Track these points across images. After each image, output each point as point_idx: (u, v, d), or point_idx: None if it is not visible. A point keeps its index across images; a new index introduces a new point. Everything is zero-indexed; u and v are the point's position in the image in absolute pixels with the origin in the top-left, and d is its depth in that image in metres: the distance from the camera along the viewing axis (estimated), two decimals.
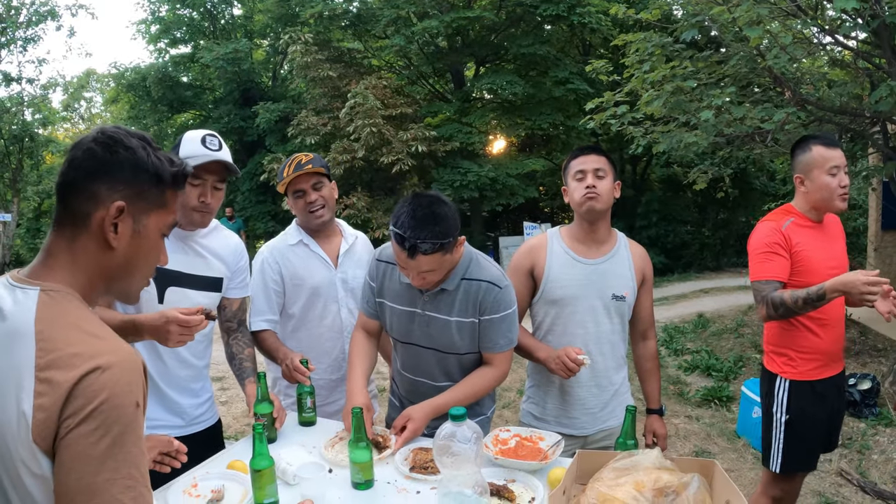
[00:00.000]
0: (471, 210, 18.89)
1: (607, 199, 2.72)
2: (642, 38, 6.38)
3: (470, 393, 2.58)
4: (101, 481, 1.15)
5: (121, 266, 1.40)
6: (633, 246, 2.90)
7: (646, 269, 2.88)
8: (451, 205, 2.37)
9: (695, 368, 7.66)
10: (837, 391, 3.20)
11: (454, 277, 2.50)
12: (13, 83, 20.71)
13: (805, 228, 3.05)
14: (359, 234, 3.33)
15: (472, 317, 2.53)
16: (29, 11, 20.37)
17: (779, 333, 3.14)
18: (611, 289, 2.77)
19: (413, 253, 2.28)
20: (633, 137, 7.56)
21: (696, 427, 5.82)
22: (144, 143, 1.41)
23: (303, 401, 2.76)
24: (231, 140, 22.75)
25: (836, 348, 3.13)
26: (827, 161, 2.98)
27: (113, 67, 23.92)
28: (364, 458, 2.19)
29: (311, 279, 3.09)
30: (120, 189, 1.35)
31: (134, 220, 1.38)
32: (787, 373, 3.12)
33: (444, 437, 1.88)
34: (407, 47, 17.85)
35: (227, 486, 2.22)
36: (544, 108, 17.18)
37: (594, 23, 16.19)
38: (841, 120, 6.20)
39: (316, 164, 2.99)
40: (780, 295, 2.88)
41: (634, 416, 2.21)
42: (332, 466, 2.36)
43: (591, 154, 2.74)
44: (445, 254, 2.33)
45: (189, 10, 23.10)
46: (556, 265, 2.80)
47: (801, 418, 3.09)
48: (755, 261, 3.04)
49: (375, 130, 15.55)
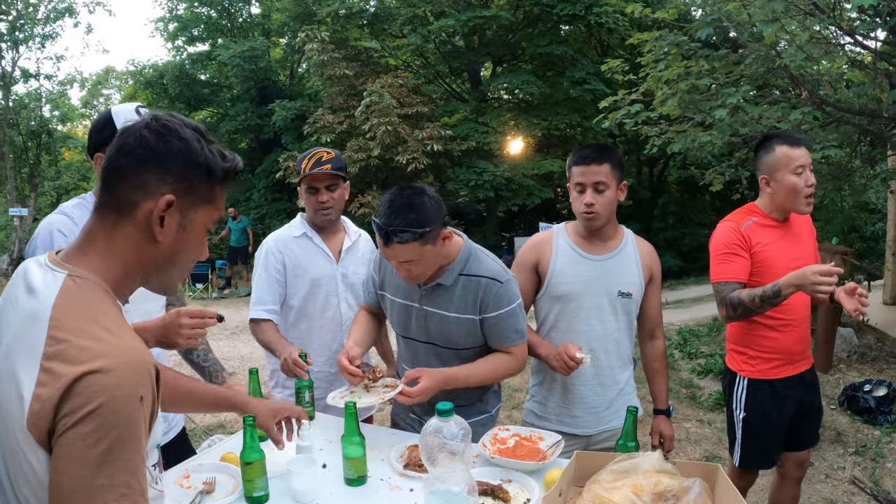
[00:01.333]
0: (486, 210, 18.84)
1: (607, 214, 2.67)
2: (657, 37, 6.30)
3: (487, 371, 2.54)
4: (96, 486, 1.11)
5: (163, 259, 1.35)
6: (641, 243, 2.84)
7: (653, 266, 2.82)
8: (433, 197, 2.34)
9: (708, 372, 7.55)
10: (805, 388, 3.17)
11: (451, 272, 2.48)
12: (31, 79, 20.93)
13: (767, 228, 3.01)
14: (362, 232, 3.33)
15: (472, 314, 2.50)
16: (47, 8, 20.59)
17: (739, 332, 3.13)
18: (617, 285, 2.72)
19: (388, 241, 2.27)
20: (649, 137, 7.48)
21: (708, 431, 5.73)
22: (199, 136, 1.35)
23: (301, 395, 2.73)
24: (247, 138, 22.86)
25: (798, 348, 3.10)
26: (792, 161, 2.92)
27: (131, 65, 24.14)
28: (357, 453, 2.16)
29: (312, 271, 3.09)
30: (170, 181, 1.30)
31: (181, 214, 1.33)
32: (745, 371, 3.11)
33: (430, 432, 1.84)
34: (423, 46, 17.88)
35: (218, 479, 2.21)
36: (561, 109, 17.11)
37: (611, 23, 16.12)
38: (859, 121, 6.10)
39: (334, 167, 2.99)
40: (738, 295, 2.86)
41: (636, 416, 2.15)
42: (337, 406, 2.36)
43: (592, 164, 2.63)
44: (424, 244, 2.29)
45: (207, 9, 23.22)
46: (562, 261, 2.76)
47: (758, 417, 3.09)
48: (714, 262, 3.02)
49: (391, 129, 15.55)
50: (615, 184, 2.64)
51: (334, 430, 2.55)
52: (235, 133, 22.48)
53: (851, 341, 7.38)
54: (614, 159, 2.65)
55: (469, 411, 2.68)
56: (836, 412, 5.81)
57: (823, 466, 4.92)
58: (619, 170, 2.65)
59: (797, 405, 3.14)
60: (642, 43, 6.85)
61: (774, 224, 3.01)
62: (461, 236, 2.58)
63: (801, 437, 3.24)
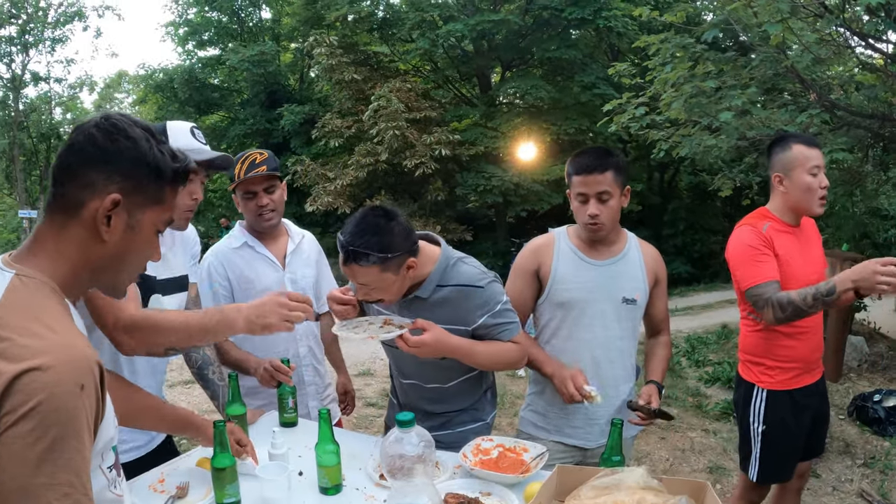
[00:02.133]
0: (496, 215, 18.75)
1: (612, 223, 2.57)
2: (663, 39, 6.18)
3: (493, 352, 2.41)
4: (37, 485, 1.09)
5: (110, 259, 1.34)
6: (645, 246, 2.74)
7: (658, 270, 2.72)
8: (403, 223, 2.23)
9: (715, 380, 7.42)
10: (819, 397, 3.09)
11: (428, 284, 2.36)
12: (41, 82, 21.07)
13: (783, 234, 2.89)
14: (305, 233, 3.21)
15: (460, 324, 2.38)
16: (57, 12, 20.72)
17: (755, 342, 3.00)
18: (622, 291, 2.61)
19: (347, 260, 2.17)
20: (656, 141, 7.36)
21: (713, 441, 5.60)
22: (149, 135, 1.35)
23: (284, 401, 2.65)
24: (257, 142, 22.86)
25: (815, 356, 3.00)
26: (808, 160, 2.81)
27: (141, 69, 24.23)
28: (330, 461, 2.09)
29: (259, 282, 2.95)
30: (117, 180, 1.29)
31: (129, 214, 1.32)
32: (763, 382, 2.99)
33: (390, 443, 1.75)
34: (432, 51, 17.81)
35: (192, 483, 2.17)
36: (570, 114, 17.02)
37: (620, 26, 16.00)
38: (871, 125, 5.96)
39: (270, 168, 2.85)
40: (787, 295, 2.68)
41: (621, 430, 2.03)
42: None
43: (594, 173, 2.48)
44: (384, 271, 2.19)
45: (217, 13, 23.27)
46: (563, 266, 2.64)
47: (778, 429, 2.97)
48: (745, 265, 2.84)
49: (398, 133, 15.50)
50: (619, 191, 2.52)
51: (316, 436, 2.46)
52: (245, 137, 22.49)
53: (862, 349, 7.23)
54: (616, 165, 2.50)
55: (462, 418, 2.62)
56: (844, 422, 5.66)
57: (831, 478, 4.79)
58: (621, 175, 2.52)
59: (812, 415, 3.04)
60: (649, 46, 6.74)
61: (788, 229, 2.90)
62: (439, 244, 2.45)
63: (810, 446, 3.14)
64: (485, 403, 2.69)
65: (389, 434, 1.81)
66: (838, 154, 4.92)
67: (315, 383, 3.11)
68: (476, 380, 2.63)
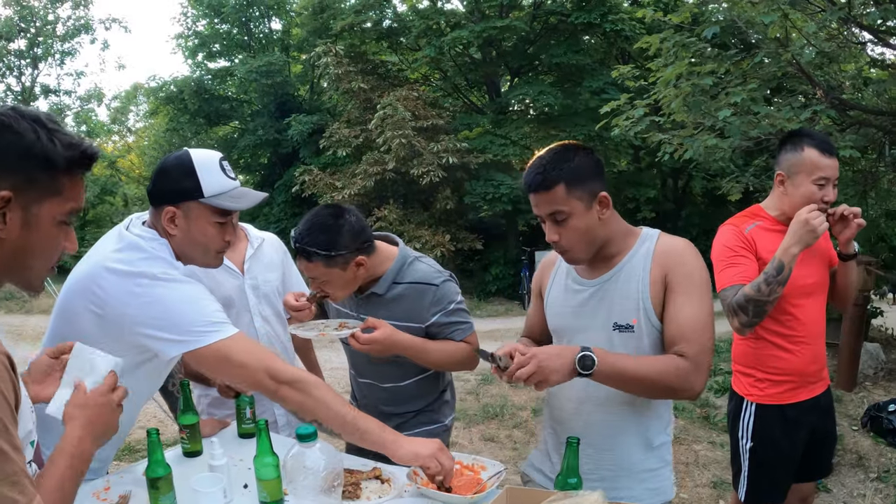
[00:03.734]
0: (506, 223, 18.55)
1: (584, 244, 2.03)
2: (663, 38, 5.99)
3: (444, 351, 2.48)
4: None
5: (13, 256, 1.33)
6: (663, 244, 2.06)
7: (672, 268, 2.01)
8: (354, 222, 2.34)
9: (725, 391, 7.17)
10: (821, 414, 2.85)
11: (384, 282, 2.45)
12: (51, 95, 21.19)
13: (774, 233, 2.69)
14: (266, 235, 3.12)
15: (414, 321, 2.45)
16: (65, 25, 20.85)
17: (745, 351, 2.82)
18: (612, 316, 2.07)
19: (296, 256, 2.38)
20: (661, 145, 7.16)
21: (719, 454, 5.37)
22: (37, 126, 1.31)
23: (242, 411, 2.59)
24: (267, 152, 22.86)
25: (812, 368, 2.77)
26: (817, 169, 2.60)
27: (152, 80, 24.35)
28: (270, 475, 1.97)
29: (218, 290, 2.77)
30: (5, 177, 1.28)
31: (23, 209, 1.31)
32: (752, 395, 2.80)
33: (292, 457, 1.64)
34: (439, 58, 17.72)
35: (135, 492, 2.11)
36: (580, 119, 16.80)
37: (627, 30, 15.82)
38: (882, 122, 5.73)
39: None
40: (742, 292, 2.54)
41: (577, 449, 1.82)
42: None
43: (539, 191, 1.99)
44: (331, 267, 2.30)
45: (226, 25, 23.31)
46: (555, 288, 2.27)
47: (766, 446, 2.78)
48: (718, 269, 2.69)
49: (405, 142, 15.37)
50: (581, 204, 1.97)
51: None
52: (255, 148, 22.52)
53: (878, 357, 6.97)
54: (570, 174, 1.95)
55: (419, 419, 2.62)
56: (857, 434, 5.42)
57: (842, 493, 4.56)
58: (582, 183, 1.96)
59: (811, 433, 2.82)
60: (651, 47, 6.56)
61: (781, 229, 2.67)
62: (397, 244, 2.53)
63: (810, 467, 2.91)
64: (442, 405, 2.69)
65: (291, 448, 1.75)
66: (846, 151, 4.69)
67: None
68: (433, 379, 2.65)
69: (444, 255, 15.26)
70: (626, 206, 17.69)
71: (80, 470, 1.46)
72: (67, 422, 1.51)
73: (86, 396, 1.56)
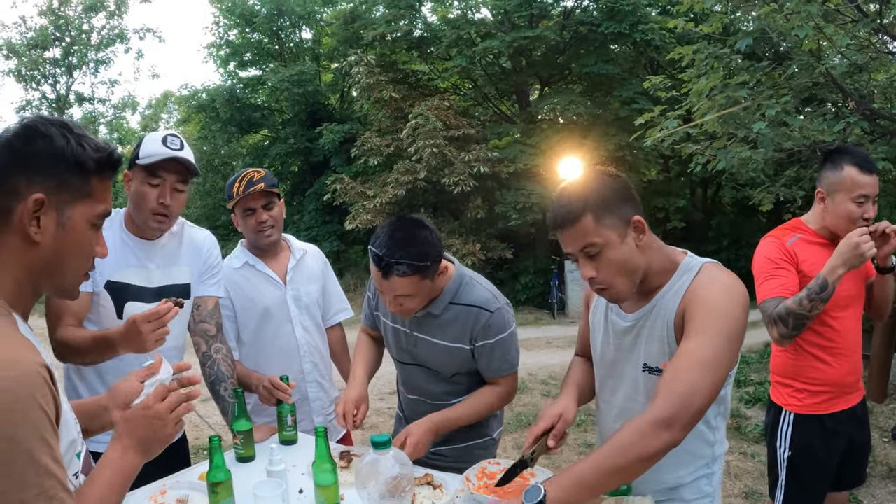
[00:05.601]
0: (536, 233, 18.58)
1: (622, 278, 1.84)
2: (696, 49, 6.05)
3: (473, 410, 2.48)
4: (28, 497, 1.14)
5: (48, 262, 1.34)
6: (700, 280, 1.85)
7: (691, 302, 1.81)
8: (432, 230, 2.28)
9: (756, 401, 7.18)
10: (857, 424, 2.89)
11: (441, 301, 2.41)
12: (86, 103, 21.61)
13: (815, 246, 2.74)
14: (308, 247, 3.21)
15: (462, 343, 2.43)
16: (99, 35, 21.26)
17: (784, 362, 2.85)
18: (643, 356, 1.96)
19: (387, 273, 2.19)
20: (693, 155, 7.20)
21: (751, 465, 5.39)
22: (65, 130, 1.34)
23: (283, 418, 2.67)
24: (298, 161, 23.09)
25: (850, 379, 2.81)
26: (857, 187, 2.64)
27: (184, 89, 24.72)
28: (328, 481, 2.05)
29: (261, 300, 2.97)
30: (39, 181, 1.30)
31: (57, 212, 1.32)
32: (791, 405, 2.84)
33: (365, 465, 1.69)
34: (470, 68, 17.81)
35: (192, 497, 2.17)
36: (610, 129, 16.80)
37: (657, 40, 15.81)
38: None
39: (268, 184, 2.88)
40: (784, 305, 2.58)
41: None
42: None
43: (566, 227, 1.83)
44: (423, 279, 2.23)
45: (257, 35, 23.61)
46: (598, 312, 2.14)
47: (805, 456, 2.81)
48: (759, 281, 2.73)
49: (437, 151, 15.48)
50: (614, 233, 1.80)
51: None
52: (286, 156, 22.74)
53: None
54: (594, 203, 1.79)
55: (467, 434, 2.60)
56: (888, 446, 5.41)
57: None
58: (609, 211, 1.80)
59: (847, 442, 2.85)
60: (684, 58, 6.61)
61: (822, 242, 2.75)
62: (452, 262, 2.49)
63: (845, 476, 2.95)
64: (490, 419, 2.67)
65: (364, 456, 1.78)
66: (879, 163, 4.72)
67: (320, 399, 3.12)
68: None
69: (475, 265, 15.32)
70: (656, 216, 17.63)
71: (123, 482, 1.45)
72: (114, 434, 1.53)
73: (131, 409, 1.56)
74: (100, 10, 22.10)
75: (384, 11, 18.61)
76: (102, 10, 22.18)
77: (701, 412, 1.69)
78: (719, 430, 2.01)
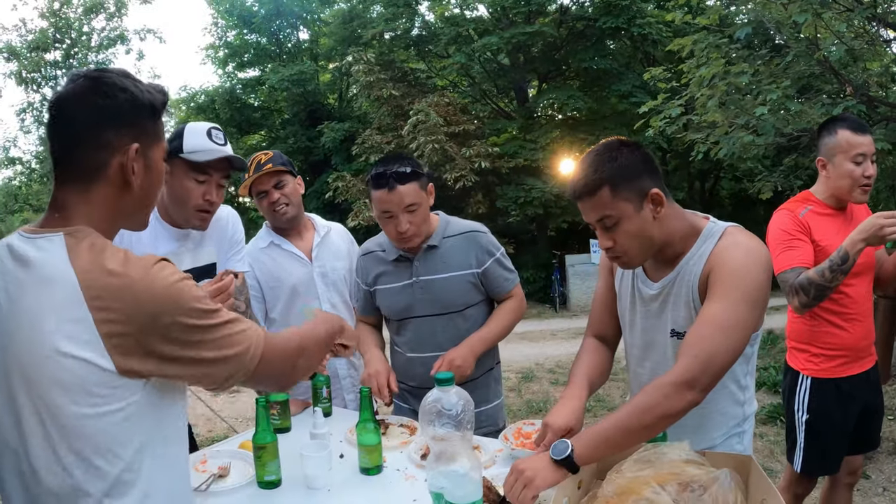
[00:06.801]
0: (537, 228, 18.69)
1: (636, 250, 1.89)
2: (695, 40, 6.17)
3: (500, 324, 2.68)
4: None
5: (139, 202, 1.45)
6: (723, 244, 1.87)
7: (714, 266, 1.84)
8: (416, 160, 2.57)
9: (761, 385, 7.31)
10: (871, 388, 3.01)
11: (436, 236, 2.63)
12: None
13: (825, 217, 2.86)
14: (333, 225, 3.25)
15: (469, 268, 2.63)
16: (100, 36, 21.26)
17: (801, 328, 2.96)
18: (670, 322, 1.99)
19: (393, 186, 2.40)
20: (694, 144, 7.32)
21: (760, 444, 5.52)
22: (133, 81, 1.43)
23: (318, 391, 2.71)
24: (298, 160, 23.14)
25: (864, 343, 2.93)
26: (852, 147, 2.76)
27: (183, 91, 24.73)
28: (371, 441, 2.12)
29: (288, 279, 3.01)
30: (128, 132, 1.38)
31: (144, 156, 1.42)
32: (808, 370, 2.94)
33: (430, 404, 1.77)
34: (469, 65, 17.90)
35: (234, 464, 2.24)
36: (608, 123, 16.93)
37: (654, 34, 15.94)
38: None
39: (276, 163, 2.92)
40: (806, 276, 2.69)
41: None
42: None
43: (583, 199, 1.87)
44: (422, 188, 2.49)
45: (256, 35, 23.68)
46: (624, 283, 2.16)
47: (822, 418, 2.92)
48: (776, 252, 2.81)
49: (438, 147, 15.58)
50: (630, 206, 1.82)
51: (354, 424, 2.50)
52: (286, 155, 22.72)
53: None
54: (612, 175, 1.81)
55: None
56: (894, 423, 5.53)
57: (881, 479, 4.68)
58: (627, 183, 1.81)
59: (862, 406, 2.97)
60: (683, 49, 6.73)
61: (832, 213, 2.87)
62: (437, 213, 2.72)
63: (860, 440, 3.06)
64: (490, 380, 2.80)
65: (429, 395, 1.84)
66: (878, 144, 4.84)
67: (350, 376, 3.16)
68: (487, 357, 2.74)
69: None
70: None
71: (310, 338, 1.69)
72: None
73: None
74: (100, 11, 22.11)
75: (382, 10, 18.72)
76: (102, 11, 22.19)
77: (720, 374, 1.76)
78: (748, 389, 2.06)
